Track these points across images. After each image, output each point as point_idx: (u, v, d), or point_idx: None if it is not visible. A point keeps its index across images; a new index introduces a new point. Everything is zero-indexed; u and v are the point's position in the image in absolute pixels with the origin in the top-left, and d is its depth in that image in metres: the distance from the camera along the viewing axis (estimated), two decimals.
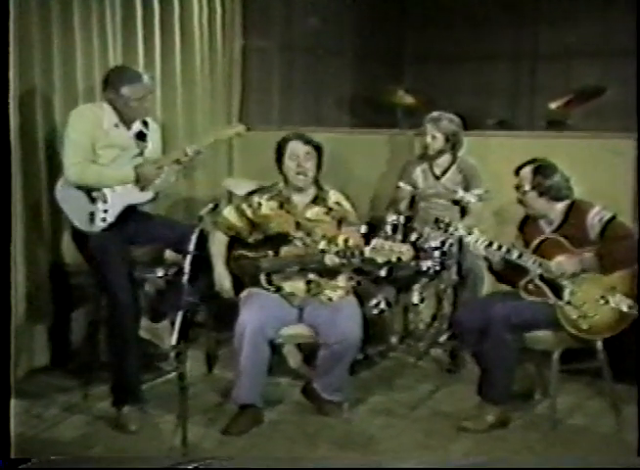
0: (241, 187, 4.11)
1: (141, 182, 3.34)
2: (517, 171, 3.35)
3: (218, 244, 3.46)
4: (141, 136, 3.44)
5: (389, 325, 4.08)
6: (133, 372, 3.33)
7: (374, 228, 3.83)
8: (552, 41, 6.28)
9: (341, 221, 3.43)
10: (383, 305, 3.95)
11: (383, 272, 3.81)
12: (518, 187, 3.33)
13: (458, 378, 3.82)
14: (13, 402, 2.53)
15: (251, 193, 3.52)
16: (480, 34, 6.30)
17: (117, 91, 3.30)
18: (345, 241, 3.29)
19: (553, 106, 5.49)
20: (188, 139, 4.29)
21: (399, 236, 3.77)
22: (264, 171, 3.71)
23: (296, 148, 3.37)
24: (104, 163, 3.32)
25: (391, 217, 3.86)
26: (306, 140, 3.39)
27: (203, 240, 3.27)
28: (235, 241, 3.47)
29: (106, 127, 3.32)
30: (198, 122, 4.56)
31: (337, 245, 3.29)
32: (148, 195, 3.43)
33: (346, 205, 3.48)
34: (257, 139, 4.31)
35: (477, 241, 3.26)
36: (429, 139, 4.02)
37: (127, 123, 3.38)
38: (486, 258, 3.36)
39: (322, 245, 3.32)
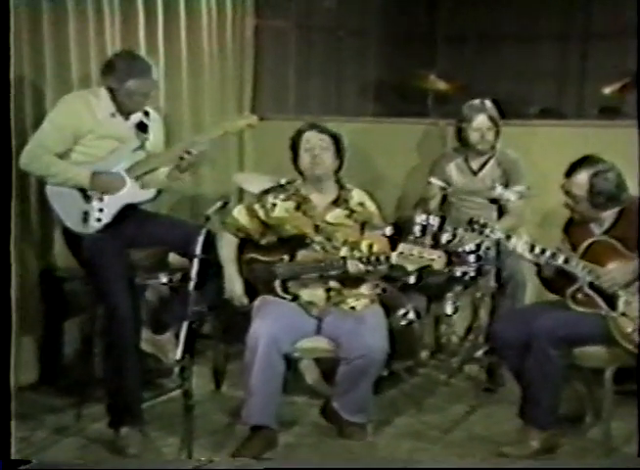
0: (253, 183, 4.11)
1: (96, 191, 3.33)
2: (568, 173, 3.27)
3: (228, 246, 3.47)
4: (142, 127, 3.46)
5: (419, 338, 4.06)
6: (132, 389, 3.32)
7: (400, 230, 3.80)
8: (605, 18, 6.23)
9: (364, 224, 3.43)
10: (411, 316, 3.90)
11: (412, 279, 3.78)
12: (567, 192, 3.28)
13: (497, 398, 3.81)
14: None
15: (266, 192, 3.52)
16: (523, 11, 6.25)
17: (122, 82, 3.31)
18: (370, 247, 3.28)
19: (606, 91, 5.46)
20: (194, 131, 4.31)
21: (429, 239, 3.73)
22: (279, 165, 3.72)
23: (310, 138, 3.38)
24: (101, 155, 3.34)
25: (421, 218, 3.80)
26: (322, 129, 3.39)
27: (210, 242, 3.26)
28: (247, 243, 3.48)
29: (100, 117, 3.34)
30: (205, 112, 4.57)
31: (360, 251, 3.28)
32: (149, 193, 3.44)
33: (371, 206, 3.47)
34: (272, 130, 4.31)
35: (521, 244, 3.24)
36: (485, 131, 3.98)
37: (125, 114, 3.40)
38: (537, 264, 3.32)
39: (344, 252, 3.32)
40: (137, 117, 3.44)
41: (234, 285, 3.42)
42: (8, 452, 2.50)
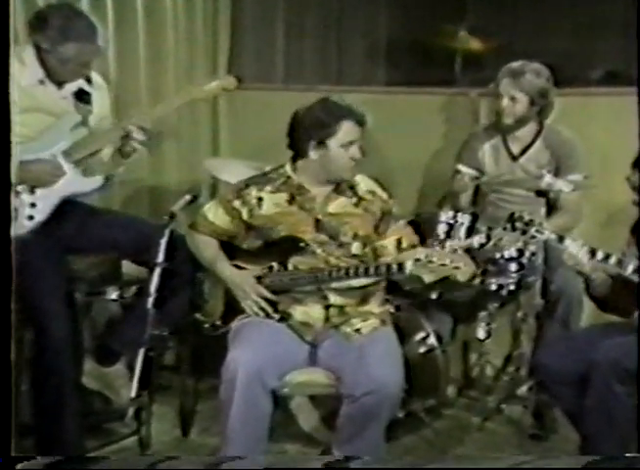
0: (230, 171, 4.14)
1: (27, 183, 3.32)
2: (636, 163, 3.30)
3: (210, 246, 3.47)
4: (82, 96, 3.45)
5: (443, 370, 4.04)
6: (72, 437, 3.34)
7: (420, 231, 3.81)
8: None
9: (381, 217, 3.45)
10: (432, 341, 3.92)
11: (433, 294, 3.82)
12: (635, 187, 3.29)
13: (547, 447, 3.81)
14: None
15: (245, 184, 3.50)
16: None
17: (56, 43, 3.30)
18: (398, 242, 3.34)
19: None
20: (153, 101, 4.31)
21: (457, 241, 3.75)
22: (262, 148, 3.71)
23: (352, 132, 3.34)
24: (30, 134, 3.31)
25: (447, 215, 3.85)
26: (362, 120, 3.35)
27: (175, 246, 3.28)
28: (225, 246, 3.49)
29: (24, 84, 3.32)
30: (168, 78, 4.60)
31: (384, 247, 3.34)
32: (94, 181, 3.44)
33: (382, 194, 3.50)
34: (254, 102, 4.34)
35: (576, 249, 3.22)
36: (505, 102, 4.00)
37: (57, 81, 3.39)
38: (586, 277, 3.31)
39: (355, 248, 3.35)
40: (75, 83, 3.43)
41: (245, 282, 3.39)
42: (8, 449, 2.64)
